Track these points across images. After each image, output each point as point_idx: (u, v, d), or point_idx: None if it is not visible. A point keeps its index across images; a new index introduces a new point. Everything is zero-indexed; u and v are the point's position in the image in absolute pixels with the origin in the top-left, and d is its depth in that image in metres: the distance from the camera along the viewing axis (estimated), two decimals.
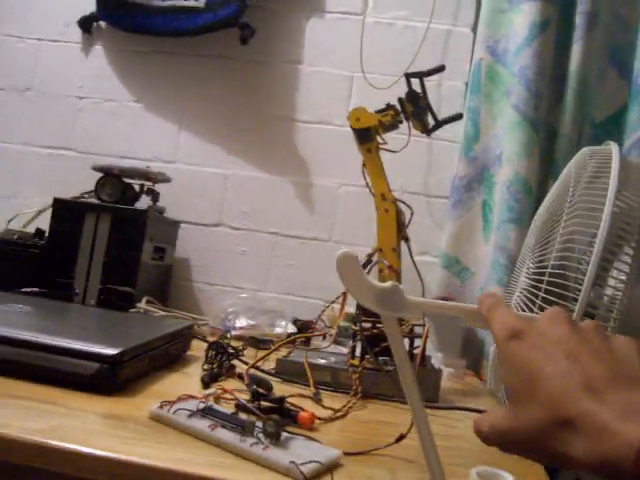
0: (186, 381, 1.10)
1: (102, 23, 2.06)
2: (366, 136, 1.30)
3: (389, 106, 1.33)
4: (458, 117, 1.40)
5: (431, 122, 1.36)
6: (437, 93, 1.87)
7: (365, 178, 1.31)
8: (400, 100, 1.33)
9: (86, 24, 2.06)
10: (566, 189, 1.19)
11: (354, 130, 1.31)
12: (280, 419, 0.74)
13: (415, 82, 1.33)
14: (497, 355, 0.55)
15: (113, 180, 1.67)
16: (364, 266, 1.25)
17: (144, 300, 1.60)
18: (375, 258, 1.26)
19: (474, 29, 1.87)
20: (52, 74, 2.09)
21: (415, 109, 1.32)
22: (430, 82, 1.68)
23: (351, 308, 1.27)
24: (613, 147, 1.11)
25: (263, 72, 1.98)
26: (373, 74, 1.89)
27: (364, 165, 1.31)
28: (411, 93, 1.33)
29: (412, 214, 1.30)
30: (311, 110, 1.96)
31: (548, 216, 1.27)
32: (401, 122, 1.33)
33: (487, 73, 1.76)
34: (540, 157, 1.64)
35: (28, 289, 1.47)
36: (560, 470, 1.20)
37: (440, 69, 1.38)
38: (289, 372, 1.18)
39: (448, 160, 1.86)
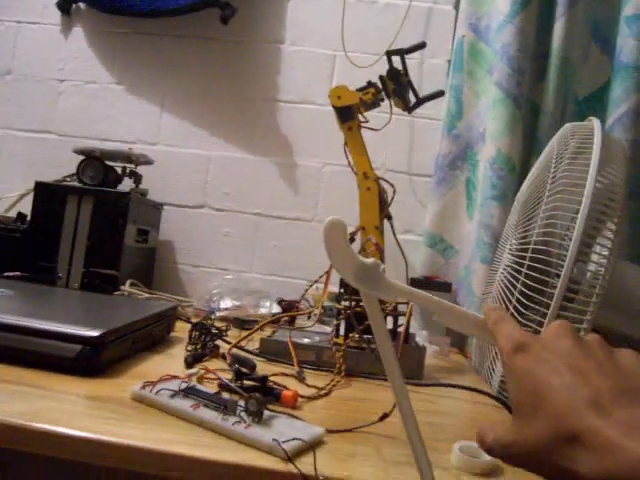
0: (169, 362, 1.09)
1: (81, 4, 2.04)
2: (347, 114, 1.30)
3: (370, 84, 1.32)
4: (440, 94, 1.39)
5: (412, 99, 1.36)
6: (419, 71, 1.87)
7: (347, 157, 1.31)
8: (381, 78, 1.33)
9: (65, 5, 2.03)
10: (548, 166, 1.19)
11: (335, 108, 1.31)
12: (262, 397, 0.74)
13: (396, 60, 1.33)
14: (503, 367, 0.55)
15: (95, 163, 1.66)
16: None
17: (128, 283, 1.60)
18: (358, 237, 1.26)
19: (456, 6, 1.86)
20: (32, 57, 2.07)
21: (396, 86, 1.32)
22: (412, 60, 1.69)
23: (335, 287, 1.27)
24: (595, 123, 1.11)
25: (245, 52, 1.97)
26: (355, 53, 1.88)
27: (346, 144, 1.31)
28: (392, 71, 1.32)
29: (394, 192, 1.30)
30: (293, 90, 1.95)
31: (531, 193, 1.27)
32: (382, 100, 1.33)
33: (469, 50, 1.76)
34: (523, 134, 1.64)
35: (10, 273, 1.46)
36: None
37: (421, 46, 1.37)
38: (273, 352, 1.18)
39: (431, 138, 1.86)
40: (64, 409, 0.75)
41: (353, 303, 1.17)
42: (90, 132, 2.01)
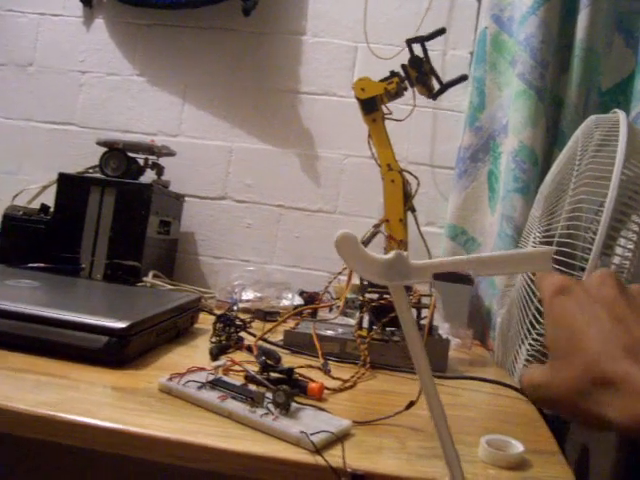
0: (194, 354, 1.10)
1: None
2: (371, 106, 1.29)
3: (393, 74, 1.32)
4: (463, 78, 1.38)
5: (436, 86, 1.35)
6: (442, 62, 1.86)
7: (371, 149, 1.30)
8: (403, 66, 1.32)
9: None
10: (573, 158, 1.19)
11: (359, 100, 1.30)
12: (289, 389, 0.74)
13: (417, 48, 1.32)
14: (543, 310, 0.56)
15: (117, 154, 1.67)
16: (370, 238, 1.25)
17: (151, 274, 1.61)
18: (382, 229, 1.26)
19: None
20: (54, 49, 2.08)
21: (419, 74, 1.31)
22: (434, 52, 1.68)
23: (357, 279, 1.27)
24: (620, 115, 1.10)
25: (266, 44, 1.97)
26: (377, 44, 1.87)
27: (369, 136, 1.30)
28: (414, 58, 1.31)
29: (418, 184, 1.30)
30: (315, 81, 1.94)
31: (555, 185, 1.26)
32: (406, 89, 1.32)
33: (492, 42, 1.75)
34: (546, 126, 1.62)
35: (34, 264, 1.47)
36: (568, 439, 1.21)
37: (441, 32, 1.36)
38: (297, 343, 1.18)
39: (453, 130, 1.86)
40: (91, 400, 0.76)
41: (376, 295, 1.17)
42: (111, 124, 2.02)
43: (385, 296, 1.15)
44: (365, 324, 1.20)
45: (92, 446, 0.68)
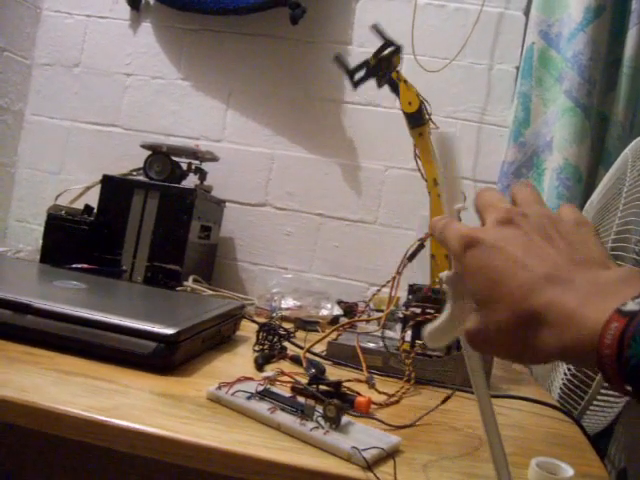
0: (238, 362, 1.10)
1: (150, 0, 2.07)
2: (418, 120, 1.30)
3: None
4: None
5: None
6: (487, 77, 1.85)
7: (417, 163, 1.30)
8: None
9: (134, 1, 2.06)
10: (622, 177, 1.18)
11: (405, 114, 1.30)
12: (341, 404, 0.74)
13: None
14: (459, 270, 0.56)
15: (162, 158, 1.68)
16: (415, 252, 1.25)
17: (191, 279, 1.61)
18: (427, 243, 1.25)
19: (526, 13, 1.84)
20: (100, 51, 2.10)
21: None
22: (480, 65, 1.68)
23: (400, 292, 1.27)
24: None
25: (312, 52, 1.97)
26: (423, 56, 1.87)
27: (415, 149, 1.30)
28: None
29: (465, 199, 1.29)
30: (359, 91, 1.93)
31: (604, 204, 1.25)
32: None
33: (539, 58, 1.74)
34: (591, 144, 1.62)
35: (78, 265, 1.48)
36: (606, 462, 1.20)
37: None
38: (339, 355, 1.18)
39: (497, 145, 1.85)
40: (142, 406, 0.76)
41: (419, 310, 1.16)
42: (155, 127, 2.04)
43: (428, 311, 1.15)
44: (407, 338, 1.19)
45: (142, 453, 0.69)
